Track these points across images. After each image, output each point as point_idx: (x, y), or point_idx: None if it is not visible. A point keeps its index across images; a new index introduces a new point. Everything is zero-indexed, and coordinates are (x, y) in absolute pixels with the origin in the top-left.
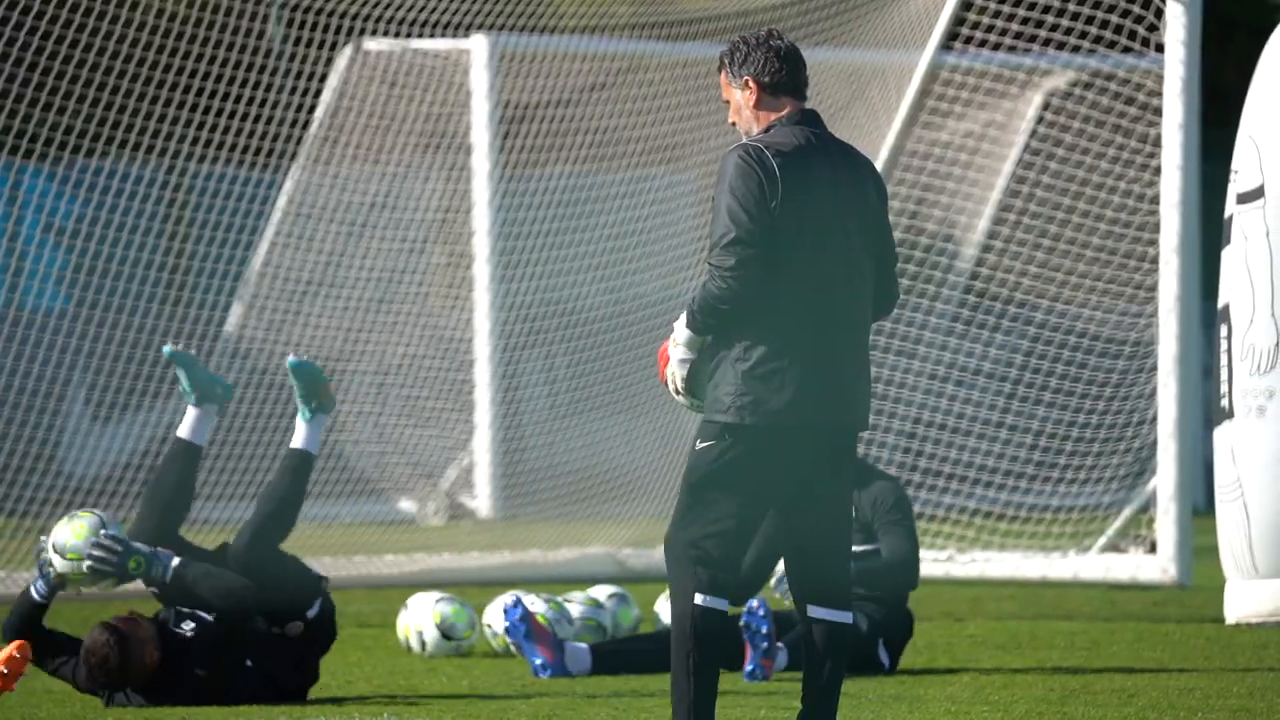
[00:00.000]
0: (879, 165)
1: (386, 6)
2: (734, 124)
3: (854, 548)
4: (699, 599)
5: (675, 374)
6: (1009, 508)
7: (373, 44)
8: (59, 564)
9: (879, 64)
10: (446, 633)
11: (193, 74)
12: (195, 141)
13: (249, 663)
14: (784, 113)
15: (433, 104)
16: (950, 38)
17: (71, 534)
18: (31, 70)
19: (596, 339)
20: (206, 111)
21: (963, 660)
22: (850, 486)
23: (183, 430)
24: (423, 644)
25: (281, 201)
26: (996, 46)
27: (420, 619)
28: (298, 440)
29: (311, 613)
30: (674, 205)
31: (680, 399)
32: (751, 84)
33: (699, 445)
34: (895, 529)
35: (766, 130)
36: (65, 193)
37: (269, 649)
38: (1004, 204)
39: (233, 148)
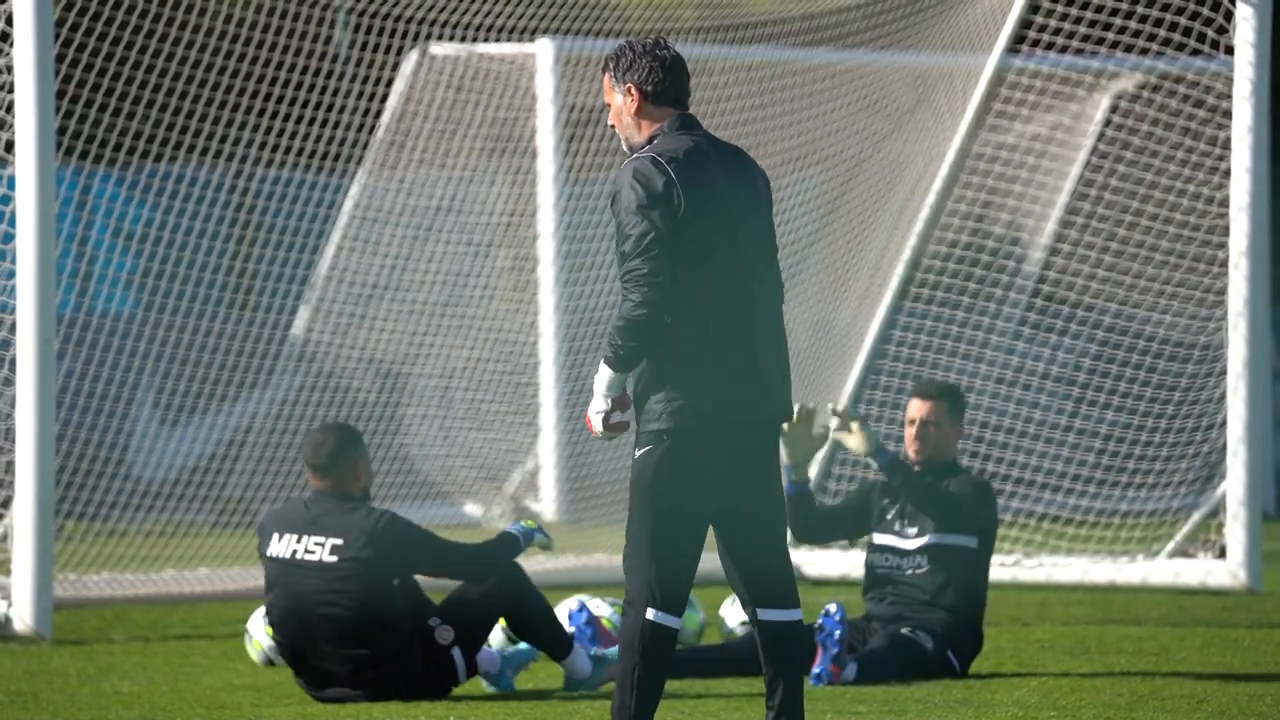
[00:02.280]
0: (945, 168)
1: (452, 12)
2: (613, 127)
3: (924, 540)
4: (650, 614)
5: (597, 427)
6: (1077, 512)
7: (438, 49)
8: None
9: (945, 67)
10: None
11: (260, 79)
12: (262, 146)
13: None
14: (665, 121)
15: (498, 108)
16: (1017, 40)
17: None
18: (101, 76)
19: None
20: (274, 117)
21: (1030, 665)
22: (780, 481)
23: None
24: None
25: (348, 206)
26: (1064, 49)
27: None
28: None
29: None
30: None
31: (609, 436)
32: (634, 91)
33: (638, 454)
34: (972, 523)
35: (651, 139)
36: (134, 198)
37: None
38: (1071, 207)
39: (299, 152)
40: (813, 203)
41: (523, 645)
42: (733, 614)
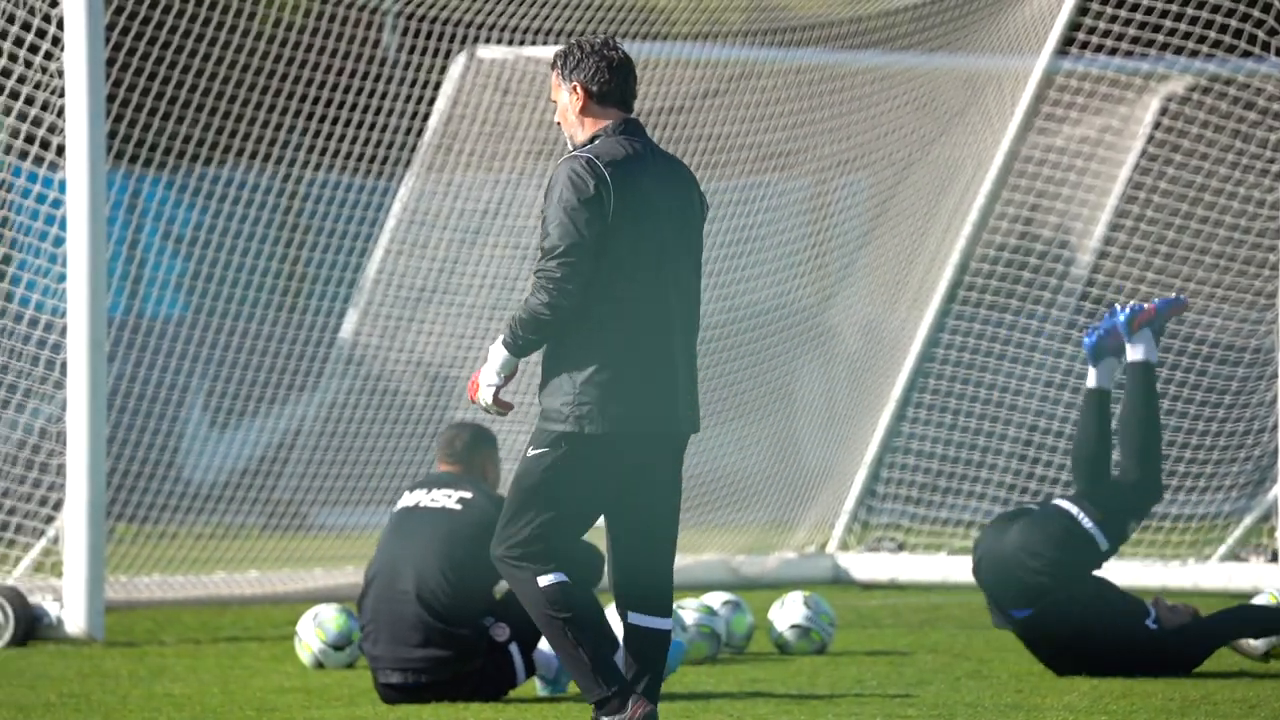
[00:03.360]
0: (993, 171)
1: (500, 15)
2: (557, 124)
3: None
4: (542, 580)
5: (484, 398)
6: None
7: (487, 52)
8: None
9: (994, 69)
10: None
11: (309, 83)
12: (311, 150)
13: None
14: (608, 122)
15: (546, 111)
16: (1066, 43)
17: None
18: (151, 80)
19: (709, 346)
20: (322, 120)
21: (1081, 669)
22: (678, 492)
23: None
24: None
25: (396, 208)
26: (1113, 51)
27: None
28: None
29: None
30: (786, 212)
31: (493, 410)
32: (579, 90)
33: (531, 452)
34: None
35: (592, 140)
36: (184, 201)
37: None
38: (1120, 210)
39: (348, 155)
40: (861, 206)
41: None
42: (782, 618)
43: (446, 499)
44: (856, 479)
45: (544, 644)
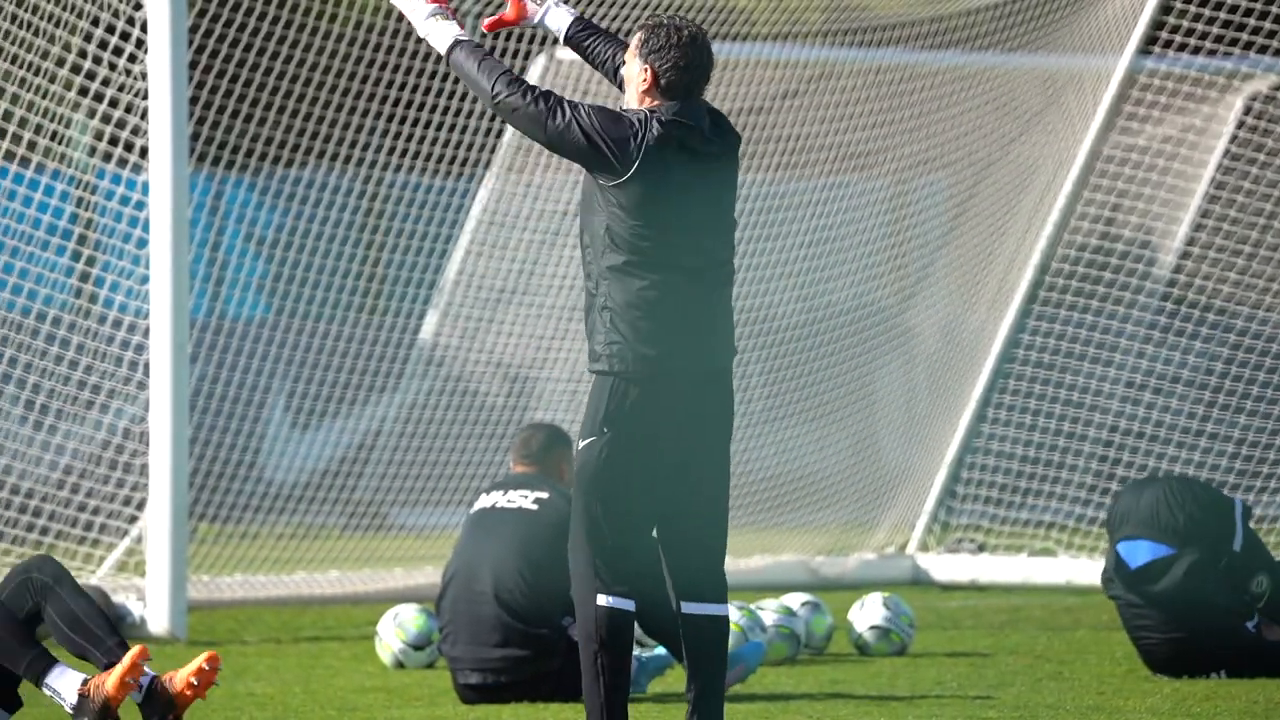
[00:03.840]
0: (1074, 171)
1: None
2: (620, 85)
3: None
4: (601, 600)
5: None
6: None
7: (566, 53)
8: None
9: (1075, 69)
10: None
11: (389, 84)
12: (392, 151)
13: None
14: (665, 104)
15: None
16: (1148, 42)
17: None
18: (233, 83)
19: (789, 346)
20: (403, 121)
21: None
22: (726, 470)
23: None
24: None
25: (476, 209)
26: (1196, 50)
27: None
28: None
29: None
30: (866, 213)
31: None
32: (649, 72)
33: (581, 444)
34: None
35: (651, 111)
36: (265, 203)
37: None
38: (1203, 210)
39: (428, 157)
40: (940, 206)
41: (659, 650)
42: (861, 619)
43: (523, 499)
44: (936, 480)
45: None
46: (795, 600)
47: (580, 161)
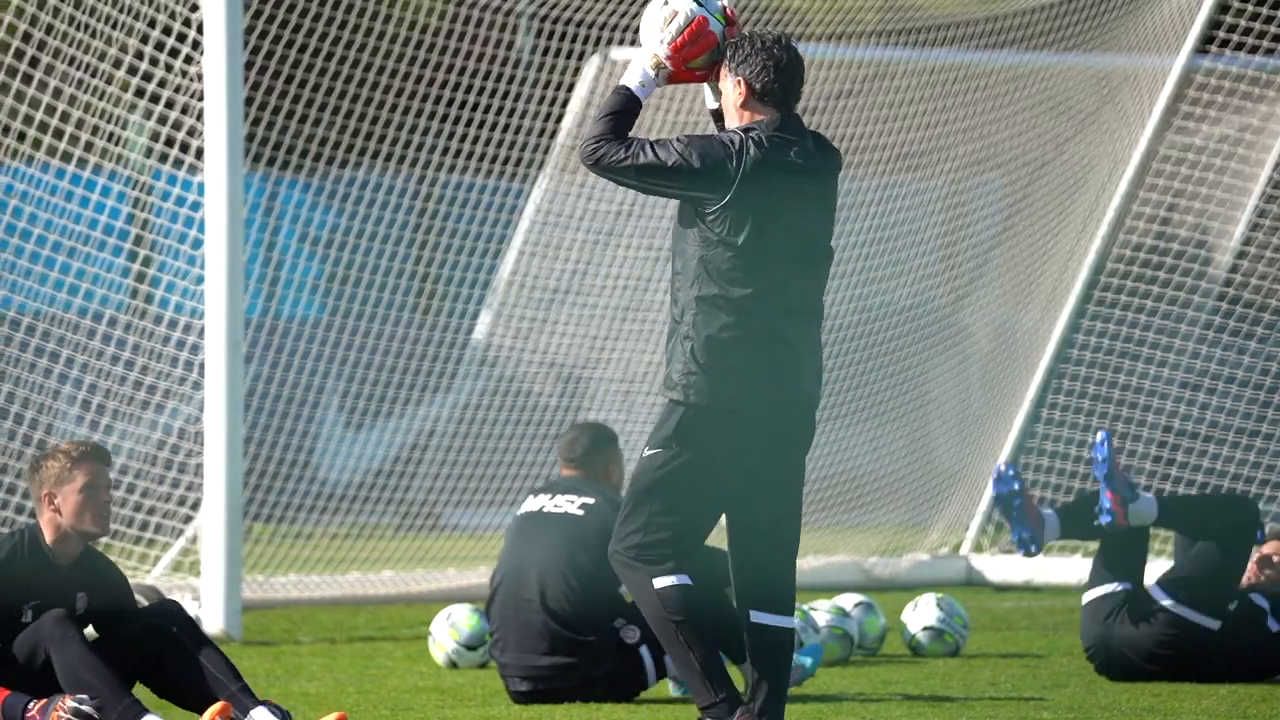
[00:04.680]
0: (1130, 171)
1: (634, 16)
2: (712, 112)
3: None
4: (658, 583)
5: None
6: (1265, 517)
7: (619, 53)
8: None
9: (1131, 68)
10: None
11: (443, 85)
12: (445, 152)
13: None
14: (765, 118)
15: (678, 111)
16: (1205, 41)
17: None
18: (288, 84)
19: (843, 346)
20: (457, 122)
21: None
22: (800, 482)
23: None
24: None
25: (529, 210)
26: (1253, 49)
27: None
28: None
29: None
30: (920, 212)
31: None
32: (743, 84)
33: (648, 452)
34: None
35: (747, 130)
36: (320, 203)
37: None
38: (1259, 209)
39: (482, 157)
40: (994, 205)
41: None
42: (914, 619)
43: (569, 504)
44: (990, 480)
45: None
46: (848, 601)
47: (678, 191)
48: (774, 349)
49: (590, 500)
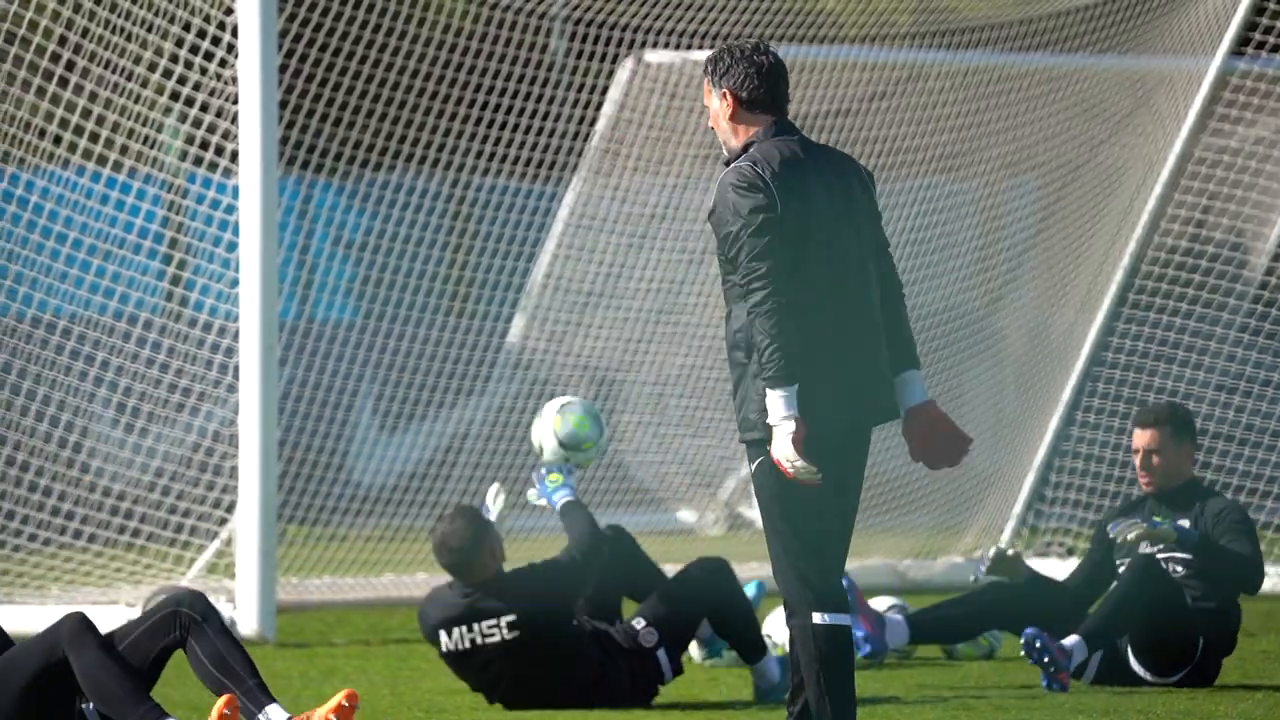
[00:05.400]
0: (1165, 172)
1: (667, 19)
2: (712, 129)
3: (1182, 555)
4: (816, 618)
5: (797, 466)
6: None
7: (653, 56)
8: (574, 456)
9: (1166, 70)
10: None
11: (477, 88)
12: (479, 155)
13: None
14: (760, 127)
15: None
16: (1240, 43)
17: (575, 425)
18: (322, 87)
19: None
20: (490, 125)
21: (1255, 677)
22: (860, 486)
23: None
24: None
25: (563, 213)
26: None
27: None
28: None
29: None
30: (955, 215)
31: (809, 475)
32: (729, 97)
33: (752, 468)
34: (1242, 535)
35: (747, 146)
36: (354, 206)
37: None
38: None
39: (516, 160)
40: (1029, 208)
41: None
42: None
43: (496, 630)
44: (1025, 482)
45: (769, 659)
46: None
47: (776, 236)
48: (833, 364)
49: (510, 616)
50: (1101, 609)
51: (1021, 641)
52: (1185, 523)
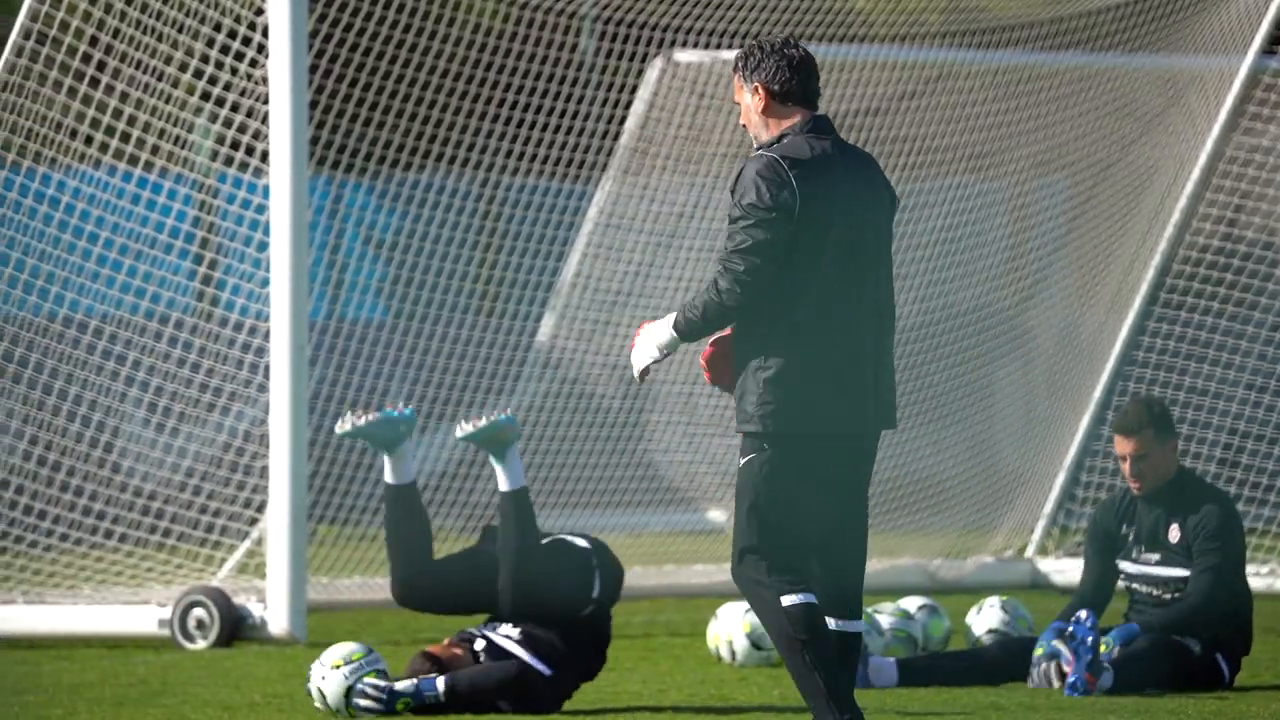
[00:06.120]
0: (1196, 172)
1: (697, 19)
2: (744, 126)
3: (1176, 571)
4: (785, 600)
5: (637, 364)
6: None
7: (683, 56)
8: (322, 708)
9: (1197, 69)
10: (756, 642)
11: (507, 88)
12: (509, 154)
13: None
14: (794, 120)
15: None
16: (1273, 41)
17: (333, 688)
18: (353, 87)
19: (907, 349)
20: (520, 124)
21: None
22: (866, 493)
23: (389, 477)
24: (733, 653)
25: (592, 213)
26: None
27: (730, 628)
28: (503, 483)
29: (595, 592)
30: (985, 214)
31: (638, 379)
32: (761, 91)
33: (742, 462)
34: (1204, 568)
35: (779, 139)
36: (384, 206)
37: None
38: None
39: (545, 159)
40: (1060, 207)
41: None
42: (979, 622)
43: (507, 639)
44: (1056, 482)
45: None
46: (912, 604)
47: (786, 234)
48: (841, 366)
49: (513, 631)
50: (1118, 676)
51: (1070, 627)
52: (1082, 613)
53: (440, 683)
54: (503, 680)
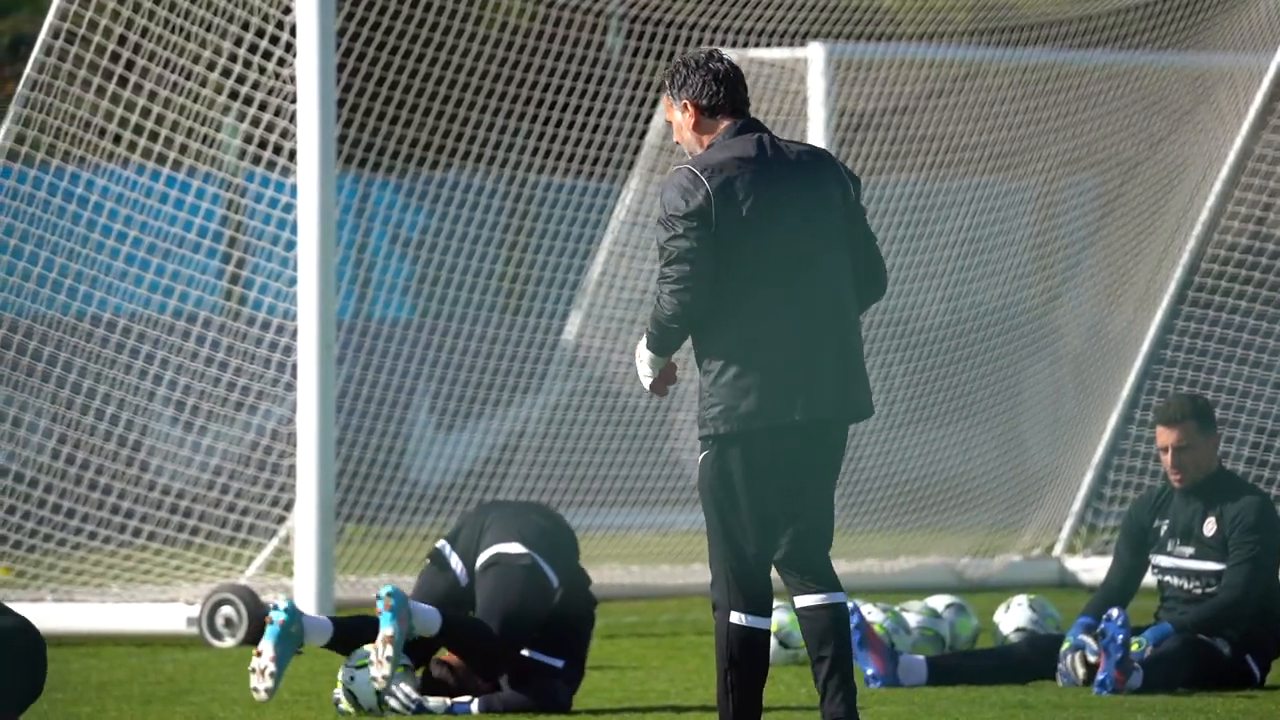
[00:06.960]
0: (1225, 170)
1: (724, 17)
2: (678, 143)
3: (1209, 565)
4: (735, 618)
5: (644, 384)
6: None
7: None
8: (352, 710)
9: (1226, 67)
10: (784, 641)
11: (533, 86)
12: (535, 153)
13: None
14: (721, 130)
15: (769, 112)
16: None
17: (364, 687)
18: (380, 85)
19: (933, 348)
20: (546, 122)
21: None
22: (834, 478)
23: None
24: None
25: (619, 211)
26: None
27: None
28: (433, 628)
29: (555, 582)
30: (1012, 213)
31: (659, 393)
32: (690, 107)
33: (699, 459)
34: (1241, 560)
35: (708, 149)
36: (411, 204)
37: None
38: None
39: (571, 158)
40: (1087, 205)
41: None
42: (1006, 621)
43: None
44: (1083, 481)
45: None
46: (940, 602)
47: (709, 243)
48: (787, 360)
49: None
50: (1146, 676)
51: (1101, 624)
52: (1113, 611)
53: (475, 706)
54: (530, 703)
